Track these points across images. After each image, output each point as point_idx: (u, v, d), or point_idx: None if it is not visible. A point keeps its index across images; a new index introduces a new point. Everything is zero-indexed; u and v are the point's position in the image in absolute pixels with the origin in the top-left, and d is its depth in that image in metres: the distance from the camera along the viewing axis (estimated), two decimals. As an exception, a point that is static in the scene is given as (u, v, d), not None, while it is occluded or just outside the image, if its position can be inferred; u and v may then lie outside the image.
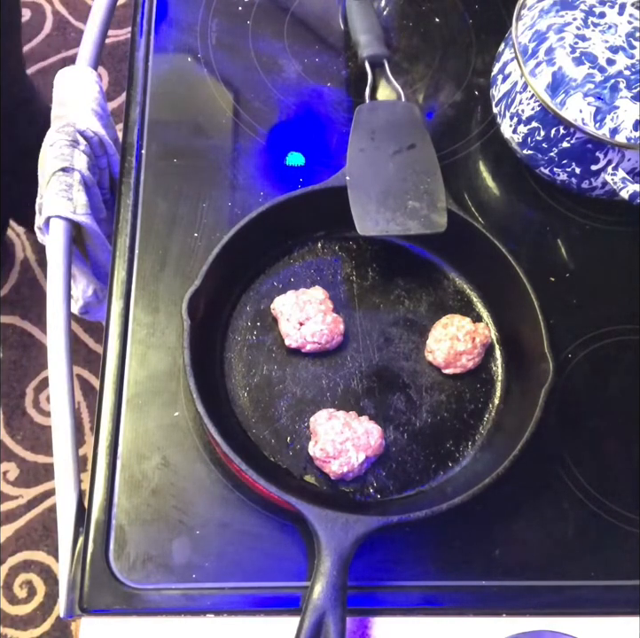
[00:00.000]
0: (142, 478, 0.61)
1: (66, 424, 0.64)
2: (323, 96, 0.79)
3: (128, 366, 0.65)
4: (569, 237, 0.75)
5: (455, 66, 0.82)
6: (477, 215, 0.74)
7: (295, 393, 0.65)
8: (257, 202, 0.68)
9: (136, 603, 0.58)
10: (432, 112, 0.80)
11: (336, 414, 0.62)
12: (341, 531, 0.55)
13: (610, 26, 0.68)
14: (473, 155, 0.78)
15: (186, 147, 0.75)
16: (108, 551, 0.59)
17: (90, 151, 0.77)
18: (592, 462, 0.65)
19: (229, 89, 0.79)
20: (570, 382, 0.68)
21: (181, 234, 0.71)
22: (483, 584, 0.61)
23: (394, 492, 0.62)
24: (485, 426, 0.65)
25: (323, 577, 0.54)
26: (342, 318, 0.66)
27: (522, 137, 0.72)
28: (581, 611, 0.60)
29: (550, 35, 0.68)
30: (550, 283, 0.72)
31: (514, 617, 0.60)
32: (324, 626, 0.53)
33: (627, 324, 0.71)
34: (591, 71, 0.66)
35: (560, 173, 0.71)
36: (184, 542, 0.60)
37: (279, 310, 0.65)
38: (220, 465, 0.62)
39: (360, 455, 0.60)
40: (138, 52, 0.79)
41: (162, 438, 0.63)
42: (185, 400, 0.63)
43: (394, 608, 0.60)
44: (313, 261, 0.70)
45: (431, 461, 0.63)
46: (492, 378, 0.67)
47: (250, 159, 0.75)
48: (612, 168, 0.68)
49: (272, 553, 0.60)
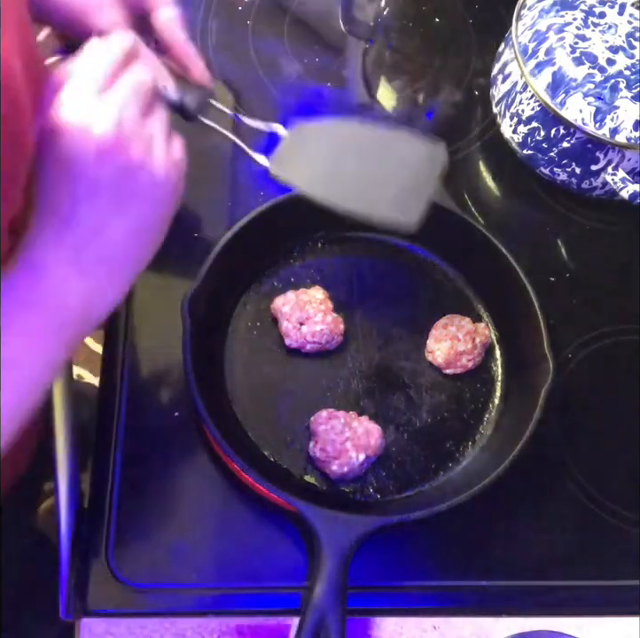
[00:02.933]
0: (142, 478, 0.61)
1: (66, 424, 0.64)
2: (323, 96, 0.79)
3: (129, 366, 0.65)
4: (569, 237, 0.75)
5: (455, 66, 0.82)
6: (477, 215, 0.74)
7: (295, 393, 0.65)
8: (257, 202, 0.68)
9: (137, 604, 0.58)
10: (432, 112, 0.80)
11: (336, 414, 0.62)
12: (341, 531, 0.55)
13: (610, 26, 0.68)
14: (473, 155, 0.78)
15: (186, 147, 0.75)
16: (108, 551, 0.59)
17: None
18: (592, 462, 0.65)
19: (229, 89, 0.79)
20: (570, 382, 0.68)
21: (181, 234, 0.71)
22: (483, 584, 0.61)
23: (394, 492, 0.62)
24: (485, 426, 0.65)
25: (323, 577, 0.54)
26: (342, 318, 0.66)
27: (522, 137, 0.72)
28: (581, 611, 0.60)
29: (550, 35, 0.68)
30: (550, 283, 0.72)
31: (514, 617, 0.60)
32: (324, 626, 0.53)
33: (627, 324, 0.71)
34: (591, 71, 0.66)
35: (560, 173, 0.71)
36: (184, 542, 0.60)
37: (279, 310, 0.65)
38: (220, 465, 0.62)
39: (360, 455, 0.60)
40: (138, 52, 0.79)
41: (162, 438, 0.63)
42: (185, 401, 0.63)
43: (394, 608, 0.60)
44: (313, 261, 0.70)
45: (431, 461, 0.63)
46: (492, 378, 0.67)
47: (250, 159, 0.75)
48: (612, 168, 0.68)
49: (272, 553, 0.60)
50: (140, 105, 0.46)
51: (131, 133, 0.45)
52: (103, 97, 0.45)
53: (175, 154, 0.49)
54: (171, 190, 0.48)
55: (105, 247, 0.46)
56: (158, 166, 0.47)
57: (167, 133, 0.49)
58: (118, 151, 0.44)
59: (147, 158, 0.46)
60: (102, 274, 0.47)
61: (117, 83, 0.46)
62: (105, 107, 0.45)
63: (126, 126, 0.45)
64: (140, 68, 0.48)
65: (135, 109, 0.46)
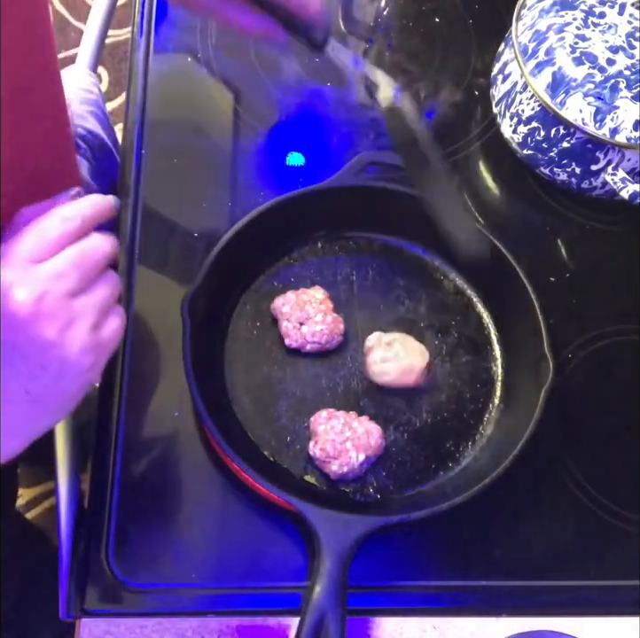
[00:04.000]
0: (142, 478, 0.61)
1: (66, 424, 0.64)
2: (323, 96, 0.79)
3: (129, 366, 0.65)
4: (569, 237, 0.75)
5: (455, 66, 0.82)
6: (477, 215, 0.74)
7: (295, 393, 0.65)
8: (257, 202, 0.68)
9: (137, 604, 0.58)
10: (432, 112, 0.80)
11: (336, 414, 0.62)
12: (341, 531, 0.55)
13: (610, 26, 0.68)
14: (473, 155, 0.78)
15: (186, 147, 0.75)
16: (108, 551, 0.59)
17: (91, 156, 0.77)
18: (592, 462, 0.65)
19: (229, 89, 0.79)
20: (570, 382, 0.68)
21: (181, 234, 0.71)
22: (483, 584, 0.61)
23: (394, 492, 0.62)
24: (485, 426, 0.65)
25: (323, 577, 0.54)
26: (342, 318, 0.66)
27: (522, 137, 0.72)
28: (581, 611, 0.60)
29: (550, 35, 0.68)
30: (550, 283, 0.72)
31: (514, 617, 0.60)
32: (324, 626, 0.53)
33: (627, 324, 0.71)
34: (591, 71, 0.66)
35: (560, 173, 0.71)
36: (184, 542, 0.60)
37: (279, 310, 0.65)
38: (220, 465, 0.62)
39: (360, 456, 0.60)
40: (138, 52, 0.79)
41: (162, 438, 0.63)
42: (185, 400, 0.63)
43: (394, 608, 0.60)
44: (313, 261, 0.70)
45: (431, 461, 0.63)
46: (492, 378, 0.67)
47: (250, 159, 0.75)
48: (612, 168, 0.68)
49: (272, 553, 0.60)
50: (77, 279, 0.46)
51: (52, 310, 0.45)
52: (37, 266, 0.45)
53: (104, 334, 0.48)
54: (82, 371, 0.47)
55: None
56: (71, 346, 0.46)
57: (103, 309, 0.48)
58: (32, 324, 0.44)
59: (62, 337, 0.45)
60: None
61: (59, 254, 0.46)
62: (32, 278, 0.44)
63: (47, 301, 0.44)
64: (96, 239, 0.48)
65: (67, 284, 0.46)
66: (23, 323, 0.44)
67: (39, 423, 0.48)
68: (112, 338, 0.49)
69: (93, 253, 0.47)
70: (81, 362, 0.47)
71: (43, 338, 0.45)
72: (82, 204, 0.49)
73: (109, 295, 0.49)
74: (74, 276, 0.46)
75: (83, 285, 0.47)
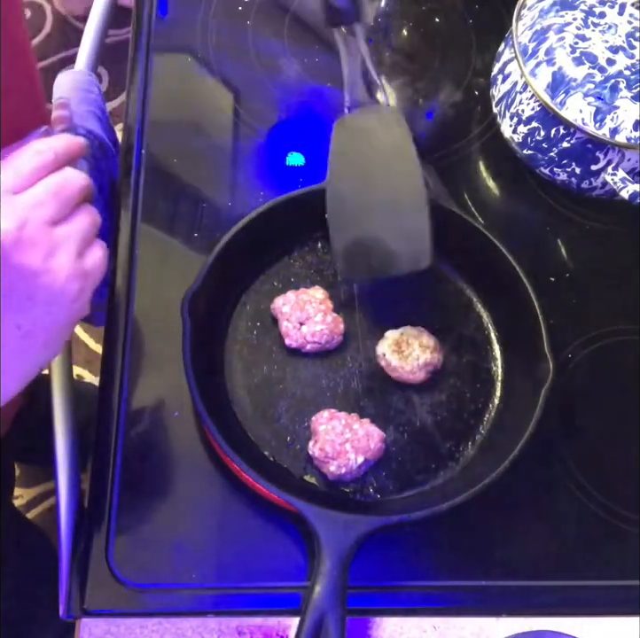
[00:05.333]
0: (142, 478, 0.62)
1: (66, 424, 0.64)
2: (323, 96, 0.79)
3: (128, 366, 0.65)
4: (569, 237, 0.75)
5: (455, 66, 0.82)
6: (477, 215, 0.74)
7: (295, 393, 0.65)
8: (257, 202, 0.68)
9: (137, 604, 0.58)
10: (432, 112, 0.80)
11: (338, 415, 0.62)
12: (341, 531, 0.55)
13: (610, 26, 0.68)
14: (473, 155, 0.78)
15: (186, 147, 0.75)
16: (108, 551, 0.59)
17: (91, 155, 0.77)
18: (592, 462, 0.65)
19: (229, 89, 0.79)
20: (570, 382, 0.68)
21: (181, 234, 0.71)
22: (483, 584, 0.61)
23: (394, 492, 0.62)
24: (485, 426, 0.65)
25: (323, 577, 0.54)
26: (342, 318, 0.66)
27: (522, 137, 0.72)
28: (581, 611, 0.60)
29: (550, 35, 0.68)
30: (550, 283, 0.72)
31: (514, 617, 0.60)
32: (324, 626, 0.53)
33: (627, 324, 0.71)
34: (591, 71, 0.66)
35: (560, 173, 0.71)
36: (184, 542, 0.60)
37: (279, 310, 0.65)
38: (220, 465, 0.62)
39: (359, 458, 0.60)
40: (138, 52, 0.79)
41: (162, 438, 0.63)
42: (185, 400, 0.63)
43: (394, 608, 0.60)
44: (313, 261, 0.70)
45: (431, 461, 0.63)
46: (492, 378, 0.67)
47: (250, 159, 0.75)
48: (612, 168, 0.68)
49: (272, 553, 0.60)
50: (55, 208, 0.47)
51: (34, 237, 0.45)
52: (16, 196, 0.46)
53: (87, 262, 0.49)
54: (69, 300, 0.48)
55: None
56: (56, 273, 0.46)
57: (85, 239, 0.49)
58: (16, 252, 0.44)
59: (47, 264, 0.46)
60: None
61: (37, 185, 0.47)
62: (12, 207, 0.45)
63: (29, 229, 0.45)
64: (70, 171, 0.48)
65: (47, 212, 0.46)
66: (6, 252, 0.44)
67: (32, 359, 0.48)
68: (95, 267, 0.49)
69: (69, 184, 0.48)
70: (68, 290, 0.47)
71: (28, 266, 0.45)
72: (54, 139, 0.50)
73: (89, 224, 0.49)
74: (52, 204, 0.47)
75: (62, 215, 0.48)
